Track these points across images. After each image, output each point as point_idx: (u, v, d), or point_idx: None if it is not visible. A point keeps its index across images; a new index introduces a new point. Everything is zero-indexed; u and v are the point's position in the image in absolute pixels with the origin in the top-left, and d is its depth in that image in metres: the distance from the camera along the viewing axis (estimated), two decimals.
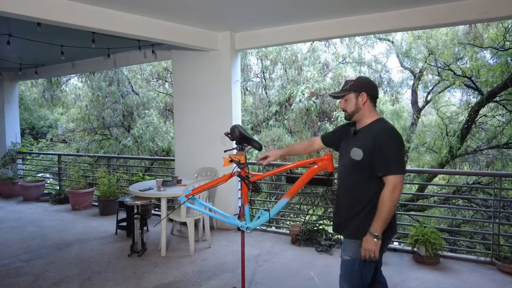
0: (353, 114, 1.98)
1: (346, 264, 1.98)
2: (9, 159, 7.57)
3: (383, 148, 1.83)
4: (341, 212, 2.02)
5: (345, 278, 2.00)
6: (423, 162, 9.32)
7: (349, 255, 1.95)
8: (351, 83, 1.98)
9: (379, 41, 10.22)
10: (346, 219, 1.97)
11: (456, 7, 3.60)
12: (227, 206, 4.78)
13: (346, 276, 1.99)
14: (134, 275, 3.45)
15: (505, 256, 3.60)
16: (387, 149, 1.83)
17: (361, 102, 1.95)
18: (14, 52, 5.86)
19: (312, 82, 8.74)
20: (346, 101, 1.99)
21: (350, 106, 1.98)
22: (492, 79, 7.34)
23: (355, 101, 1.96)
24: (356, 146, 1.92)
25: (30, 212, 6.05)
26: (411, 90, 10.29)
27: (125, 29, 3.93)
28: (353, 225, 1.94)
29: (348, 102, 1.98)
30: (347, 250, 1.97)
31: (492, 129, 7.97)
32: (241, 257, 2.69)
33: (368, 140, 1.87)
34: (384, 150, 1.83)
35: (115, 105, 10.19)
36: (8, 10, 3.12)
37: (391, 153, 1.83)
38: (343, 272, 2.01)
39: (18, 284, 3.31)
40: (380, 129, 1.89)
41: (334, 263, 3.65)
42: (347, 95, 1.98)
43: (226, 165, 2.44)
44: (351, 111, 1.98)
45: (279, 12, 4.01)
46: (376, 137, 1.85)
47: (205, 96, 5.02)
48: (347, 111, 1.99)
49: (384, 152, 1.83)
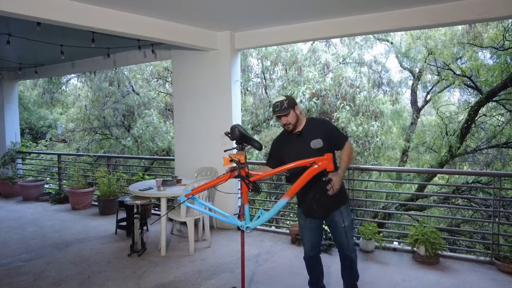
0: (296, 123, 2.50)
1: (347, 227, 2.51)
2: (9, 159, 7.57)
3: (330, 130, 2.53)
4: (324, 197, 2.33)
5: (348, 239, 2.53)
6: (423, 162, 9.33)
7: (348, 219, 2.52)
8: (286, 102, 2.45)
9: (378, 42, 10.22)
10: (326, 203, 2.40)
11: (456, 7, 3.60)
12: (227, 206, 4.78)
13: (349, 236, 2.53)
14: (134, 275, 3.45)
15: (505, 256, 3.60)
16: (332, 129, 2.56)
17: (298, 113, 2.52)
18: (14, 51, 5.86)
19: (313, 82, 8.74)
20: (288, 117, 2.46)
21: (293, 119, 2.48)
22: (491, 79, 7.34)
23: (294, 114, 2.49)
24: (312, 138, 2.45)
25: (29, 211, 6.05)
26: (410, 90, 10.29)
27: (125, 28, 3.93)
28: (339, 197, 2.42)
29: (290, 117, 2.47)
30: (345, 217, 2.50)
31: (492, 128, 7.97)
32: (241, 256, 2.69)
33: (317, 132, 2.48)
34: (332, 131, 2.54)
35: (115, 105, 10.18)
36: (8, 10, 3.12)
37: (337, 131, 2.59)
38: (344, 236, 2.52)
39: (18, 283, 3.31)
40: (317, 122, 2.60)
41: (333, 263, 3.65)
42: (290, 112, 2.46)
43: (226, 164, 2.44)
44: (294, 122, 2.49)
45: (278, 12, 4.01)
46: (321, 127, 2.52)
47: (205, 96, 5.02)
48: (291, 123, 2.48)
49: (333, 132, 2.54)
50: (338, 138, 2.53)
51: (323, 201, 2.38)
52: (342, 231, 2.52)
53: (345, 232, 2.52)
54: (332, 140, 2.49)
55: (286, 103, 2.44)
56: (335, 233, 2.59)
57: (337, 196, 2.34)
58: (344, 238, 2.53)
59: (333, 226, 2.57)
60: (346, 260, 2.63)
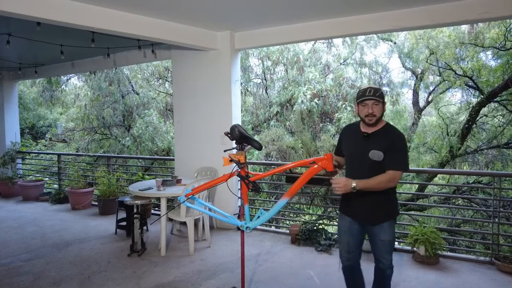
0: (378, 119, 2.21)
1: (386, 243, 2.29)
2: (9, 159, 7.57)
3: (397, 152, 2.16)
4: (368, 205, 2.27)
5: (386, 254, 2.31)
6: (423, 162, 9.31)
7: (389, 235, 2.28)
8: (380, 91, 2.20)
9: (381, 42, 10.20)
10: (378, 209, 2.26)
11: (456, 7, 3.60)
12: (227, 206, 4.77)
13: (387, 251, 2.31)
14: (133, 275, 3.45)
15: (505, 256, 3.60)
16: (398, 151, 2.17)
17: (384, 110, 2.24)
18: (14, 51, 5.86)
19: (314, 83, 8.73)
20: (375, 107, 2.17)
21: (379, 113, 2.19)
22: (493, 79, 7.33)
23: (382, 109, 2.21)
24: (375, 148, 2.17)
25: (29, 211, 6.05)
26: (412, 90, 10.28)
27: (125, 28, 3.93)
28: (386, 211, 2.27)
29: (378, 108, 2.18)
30: (386, 232, 2.27)
31: (493, 129, 7.96)
32: (241, 256, 2.69)
33: (385, 143, 2.17)
34: (396, 152, 2.16)
35: (115, 105, 10.18)
36: (8, 10, 3.12)
37: (401, 156, 2.18)
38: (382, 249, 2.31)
39: (18, 283, 3.31)
40: (394, 134, 2.22)
41: (333, 263, 3.65)
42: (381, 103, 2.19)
43: (226, 164, 2.44)
44: (378, 117, 2.20)
45: (279, 12, 4.01)
46: (392, 141, 2.18)
47: (205, 96, 5.02)
48: (376, 116, 2.18)
49: (396, 154, 2.16)
50: (392, 160, 2.14)
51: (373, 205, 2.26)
52: (380, 244, 2.30)
53: (383, 246, 2.30)
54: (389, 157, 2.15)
55: (380, 92, 2.19)
56: (372, 245, 2.37)
57: (385, 208, 2.26)
58: (381, 252, 2.32)
59: (372, 236, 2.34)
60: (379, 274, 2.41)
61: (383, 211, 2.27)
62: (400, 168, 2.15)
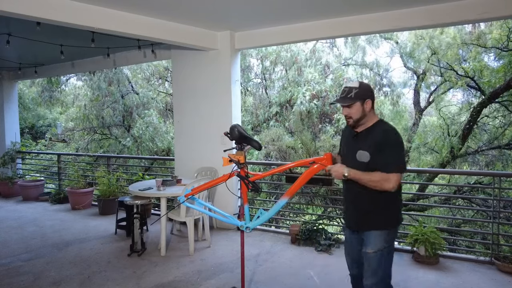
0: (359, 121, 2.00)
1: (370, 258, 2.00)
2: (9, 159, 7.57)
3: (386, 150, 1.92)
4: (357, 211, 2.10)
5: (370, 273, 2.01)
6: (424, 162, 9.30)
7: (373, 248, 1.98)
8: (355, 91, 1.97)
9: (384, 41, 10.19)
10: (364, 216, 2.05)
11: (456, 7, 3.60)
12: (227, 206, 4.77)
13: (371, 270, 2.01)
14: (133, 275, 3.44)
15: (505, 256, 3.59)
16: (389, 151, 1.92)
17: (367, 109, 1.99)
18: (14, 51, 5.86)
19: (313, 84, 8.73)
20: (350, 108, 1.99)
21: (356, 114, 1.98)
22: (495, 80, 7.32)
23: (361, 109, 1.98)
24: (361, 148, 1.98)
25: (29, 211, 6.05)
26: (413, 90, 10.27)
27: (125, 28, 3.93)
28: (373, 219, 2.02)
29: (353, 110, 1.98)
30: (370, 243, 2.00)
31: (494, 130, 7.95)
32: (241, 256, 2.69)
33: (372, 142, 1.95)
34: (387, 152, 1.92)
35: (115, 105, 10.18)
36: (8, 10, 3.11)
37: (392, 156, 1.92)
38: (367, 267, 2.02)
39: (18, 283, 3.30)
40: (382, 131, 1.97)
41: (333, 263, 3.65)
42: (354, 104, 1.97)
43: (226, 164, 2.43)
44: (357, 118, 1.99)
45: (279, 12, 4.01)
46: (380, 139, 1.94)
47: (204, 96, 5.02)
48: (353, 118, 2.00)
49: (387, 154, 1.92)
50: (384, 163, 1.90)
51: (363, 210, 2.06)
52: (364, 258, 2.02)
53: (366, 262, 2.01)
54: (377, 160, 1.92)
55: (354, 92, 1.96)
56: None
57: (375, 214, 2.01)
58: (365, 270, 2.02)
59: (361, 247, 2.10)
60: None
61: (371, 217, 2.02)
62: (390, 169, 1.88)
